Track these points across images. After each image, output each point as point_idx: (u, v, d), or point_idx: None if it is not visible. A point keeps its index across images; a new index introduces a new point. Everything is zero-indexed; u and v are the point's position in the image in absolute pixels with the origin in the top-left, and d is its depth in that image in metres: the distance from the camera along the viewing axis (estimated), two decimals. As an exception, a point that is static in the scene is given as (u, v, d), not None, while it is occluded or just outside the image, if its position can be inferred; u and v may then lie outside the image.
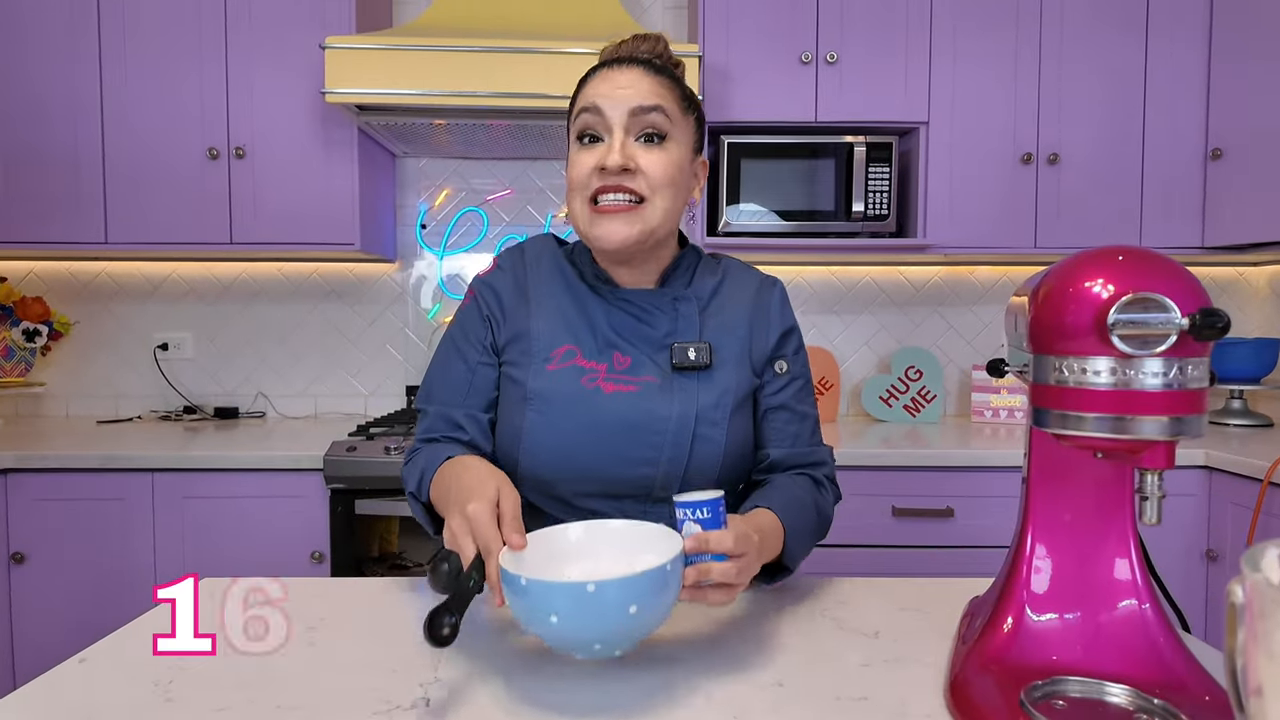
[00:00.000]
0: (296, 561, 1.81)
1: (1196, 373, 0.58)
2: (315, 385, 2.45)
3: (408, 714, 0.62)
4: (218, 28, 2.04)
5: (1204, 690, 0.61)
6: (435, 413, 0.95)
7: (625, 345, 0.92)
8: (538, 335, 0.93)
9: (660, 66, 0.91)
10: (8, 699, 0.65)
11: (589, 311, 0.93)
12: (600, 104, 0.87)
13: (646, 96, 0.87)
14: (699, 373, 0.91)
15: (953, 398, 2.51)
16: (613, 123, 0.87)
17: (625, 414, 0.89)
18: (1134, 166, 2.12)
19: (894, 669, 0.71)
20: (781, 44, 2.09)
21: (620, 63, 0.90)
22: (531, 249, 0.99)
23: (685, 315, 0.93)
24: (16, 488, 1.78)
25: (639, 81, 0.88)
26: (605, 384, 0.90)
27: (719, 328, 0.94)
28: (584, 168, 0.88)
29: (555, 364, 0.91)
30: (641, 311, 0.93)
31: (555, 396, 0.89)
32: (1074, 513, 0.68)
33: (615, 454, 0.89)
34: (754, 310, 0.96)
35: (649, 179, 0.87)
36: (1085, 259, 0.62)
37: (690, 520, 0.69)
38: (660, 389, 0.90)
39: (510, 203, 2.46)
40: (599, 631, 0.61)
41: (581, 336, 0.92)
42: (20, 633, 1.80)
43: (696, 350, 0.90)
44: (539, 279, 0.96)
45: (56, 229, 2.05)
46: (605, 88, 0.88)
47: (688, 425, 0.89)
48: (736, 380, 0.93)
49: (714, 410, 0.90)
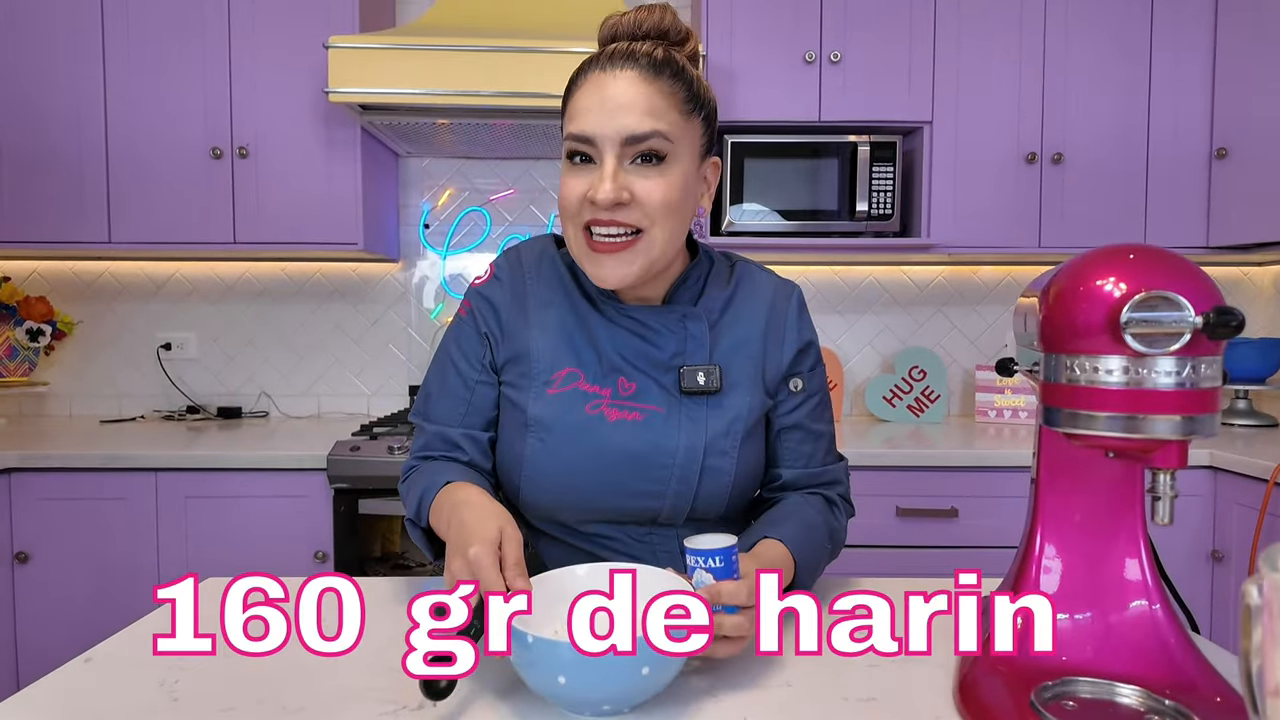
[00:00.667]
0: (300, 561, 1.81)
1: (1210, 371, 0.57)
2: (318, 385, 2.45)
3: (414, 714, 0.62)
4: (221, 27, 2.04)
5: (1215, 691, 0.60)
6: (433, 432, 0.90)
7: (630, 370, 0.86)
8: (538, 356, 0.87)
9: (660, 65, 0.79)
10: (15, 698, 0.64)
11: (592, 330, 0.87)
12: (589, 132, 0.78)
13: (642, 119, 0.77)
14: (708, 398, 0.86)
15: (957, 398, 2.51)
16: (604, 150, 0.78)
17: (630, 445, 0.84)
18: (1139, 166, 2.12)
19: (902, 670, 0.71)
20: (785, 43, 2.09)
21: (614, 63, 0.79)
22: (529, 253, 0.92)
23: (694, 335, 0.86)
24: (20, 487, 1.78)
25: (634, 92, 0.77)
26: (609, 410, 0.85)
27: (731, 345, 0.88)
28: (574, 194, 0.80)
29: (556, 388, 0.86)
30: (648, 331, 0.86)
31: (556, 424, 0.85)
32: (1084, 513, 0.68)
33: (619, 486, 0.85)
34: (769, 323, 0.90)
35: (646, 208, 0.78)
36: (1096, 257, 0.62)
37: (702, 569, 0.67)
38: (666, 418, 0.85)
39: (513, 202, 2.45)
40: (608, 693, 0.59)
41: (584, 358, 0.87)
42: (24, 632, 1.79)
43: (706, 374, 0.85)
44: (538, 289, 0.90)
45: (60, 228, 2.05)
46: (594, 101, 0.78)
47: (696, 457, 0.84)
48: (749, 405, 0.87)
49: (724, 439, 0.85)
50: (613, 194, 0.77)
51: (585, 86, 0.80)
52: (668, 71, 0.80)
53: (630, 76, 0.78)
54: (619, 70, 0.78)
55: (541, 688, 0.60)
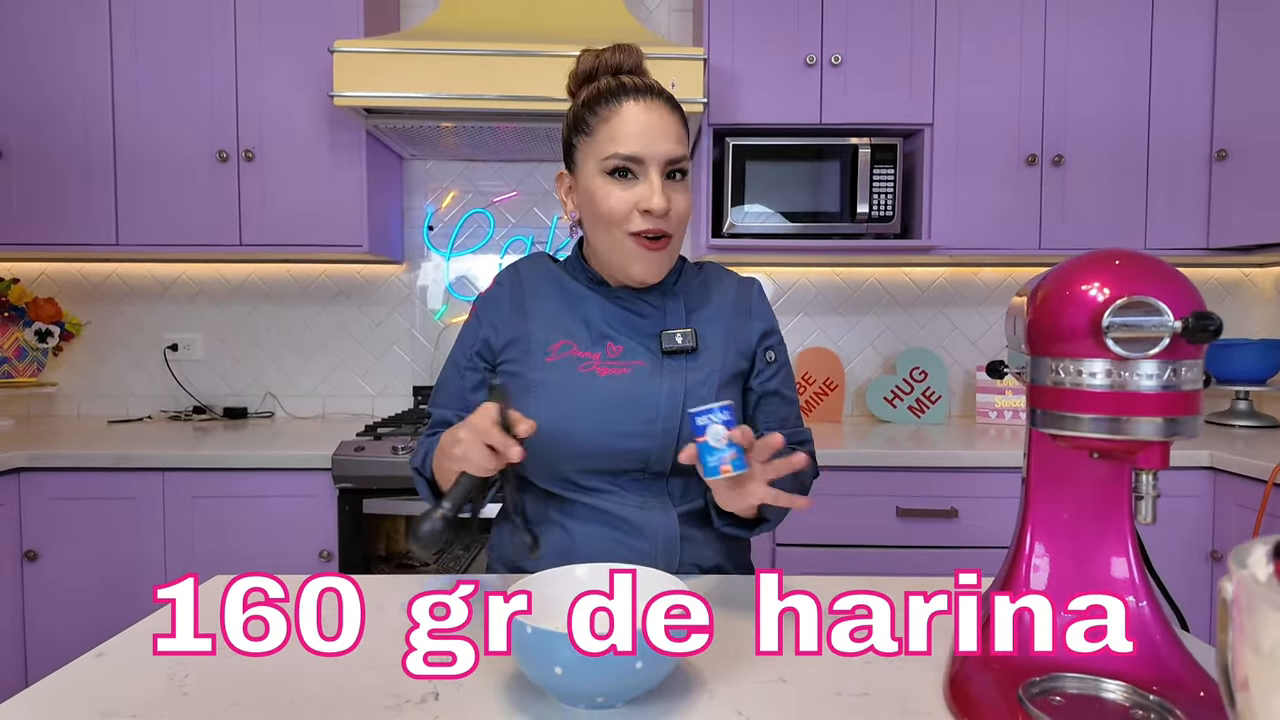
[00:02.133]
0: (305, 560, 1.83)
1: (1190, 374, 0.59)
2: (323, 386, 2.48)
3: (418, 708, 0.64)
4: (227, 31, 2.06)
5: (1199, 686, 0.62)
6: (437, 416, 1.05)
7: (617, 335, 1.00)
8: (535, 336, 1.01)
9: (674, 102, 0.97)
10: (29, 690, 0.66)
11: (583, 309, 1.02)
12: (640, 153, 0.92)
13: (676, 145, 0.94)
14: (686, 356, 0.99)
15: (958, 398, 2.52)
16: (650, 169, 0.93)
17: (619, 393, 0.97)
18: (1139, 167, 2.13)
19: (894, 666, 0.72)
20: (786, 46, 2.10)
21: (644, 95, 0.94)
22: (526, 267, 1.08)
23: (672, 309, 1.02)
24: (29, 486, 1.81)
25: (667, 122, 0.94)
26: (600, 369, 0.98)
27: (703, 318, 1.03)
28: (623, 203, 0.93)
29: (553, 357, 0.99)
30: (633, 305, 1.01)
31: (555, 383, 0.97)
32: (1072, 512, 0.69)
33: (612, 429, 0.96)
34: (735, 304, 1.06)
35: (676, 217, 0.95)
36: (1082, 262, 0.63)
37: (715, 423, 0.77)
38: (650, 371, 0.98)
39: (516, 204, 2.47)
40: (603, 685, 0.61)
41: (576, 332, 1.00)
42: (32, 628, 1.82)
43: (683, 335, 0.99)
44: (535, 291, 1.04)
45: (68, 230, 2.07)
46: (638, 128, 0.92)
47: (678, 400, 0.97)
48: (722, 362, 1.01)
49: (702, 386, 0.98)
50: (666, 204, 0.92)
51: (622, 114, 0.93)
52: (680, 108, 0.98)
53: (660, 107, 0.94)
54: (650, 101, 0.94)
55: (539, 678, 0.62)
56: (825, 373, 2.39)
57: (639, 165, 0.93)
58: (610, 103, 0.94)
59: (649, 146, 0.92)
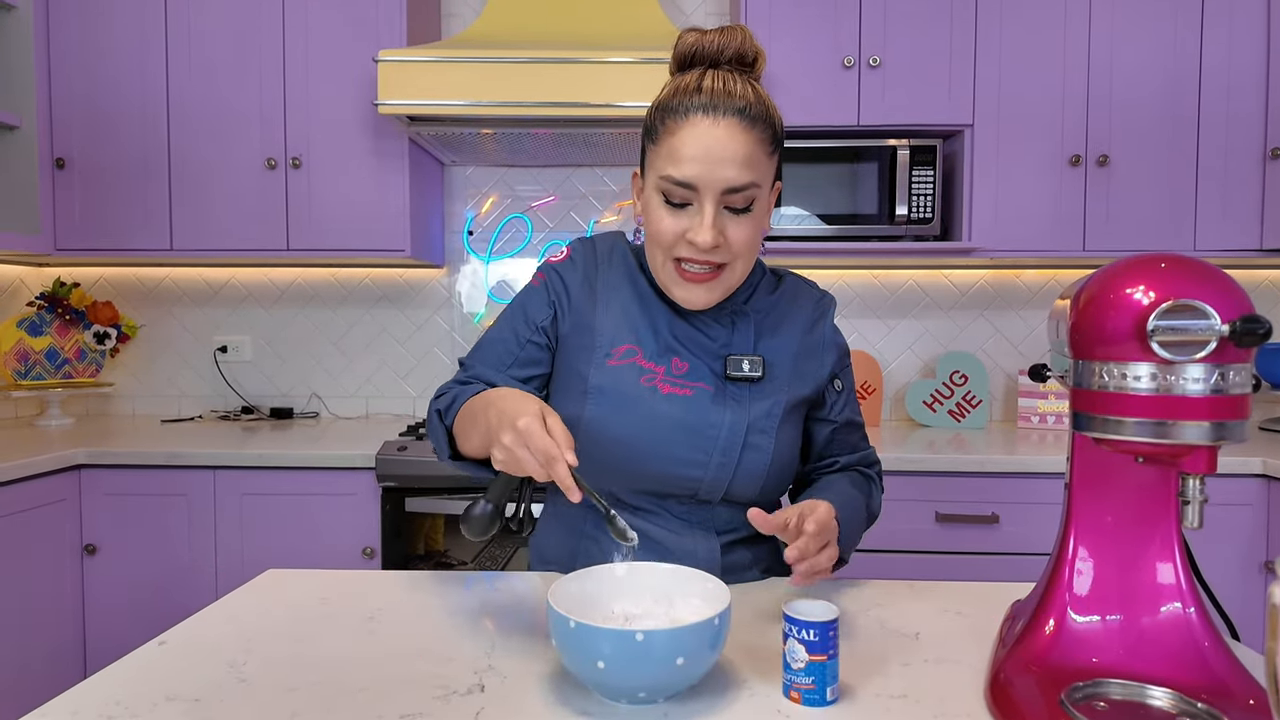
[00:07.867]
0: (349, 556, 1.87)
1: (1238, 378, 0.58)
2: (366, 387, 2.53)
3: (464, 699, 0.66)
4: (275, 43, 2.12)
5: (1248, 694, 0.61)
6: (475, 372, 0.97)
7: (684, 351, 0.95)
8: (602, 330, 0.95)
9: (755, 114, 0.85)
10: (99, 675, 0.70)
11: (652, 314, 0.96)
12: (694, 180, 0.84)
13: (741, 171, 0.84)
14: (751, 385, 0.95)
15: (999, 403, 2.48)
16: (704, 198, 0.85)
17: (680, 416, 0.92)
18: (1188, 167, 2.08)
19: (934, 669, 0.72)
20: (824, 48, 2.10)
21: (716, 110, 0.84)
22: (603, 244, 1.01)
23: (741, 330, 0.96)
24: (89, 482, 1.88)
25: (735, 143, 0.83)
26: (662, 385, 0.93)
27: (773, 343, 0.97)
28: (671, 231, 0.87)
29: (616, 360, 0.94)
30: (702, 322, 0.96)
31: (614, 392, 0.93)
32: (1116, 516, 0.69)
33: (666, 453, 0.92)
34: (809, 328, 1.00)
35: (733, 248, 0.87)
36: (1127, 265, 0.63)
37: (796, 639, 0.65)
38: (714, 396, 0.93)
39: (554, 209, 2.50)
40: (644, 680, 0.62)
41: (643, 337, 0.95)
42: (91, 618, 1.89)
43: (750, 363, 0.94)
44: (608, 276, 0.98)
45: (125, 237, 2.16)
46: (699, 150, 0.83)
47: (739, 432, 0.92)
48: (788, 394, 0.96)
49: (765, 419, 0.94)
50: (712, 240, 0.85)
51: (688, 129, 0.85)
52: (761, 120, 0.86)
53: (732, 125, 0.84)
54: (721, 118, 0.84)
55: (580, 671, 0.64)
56: (863, 376, 2.38)
57: (693, 193, 0.85)
58: (679, 114, 0.85)
59: (707, 172, 0.83)
